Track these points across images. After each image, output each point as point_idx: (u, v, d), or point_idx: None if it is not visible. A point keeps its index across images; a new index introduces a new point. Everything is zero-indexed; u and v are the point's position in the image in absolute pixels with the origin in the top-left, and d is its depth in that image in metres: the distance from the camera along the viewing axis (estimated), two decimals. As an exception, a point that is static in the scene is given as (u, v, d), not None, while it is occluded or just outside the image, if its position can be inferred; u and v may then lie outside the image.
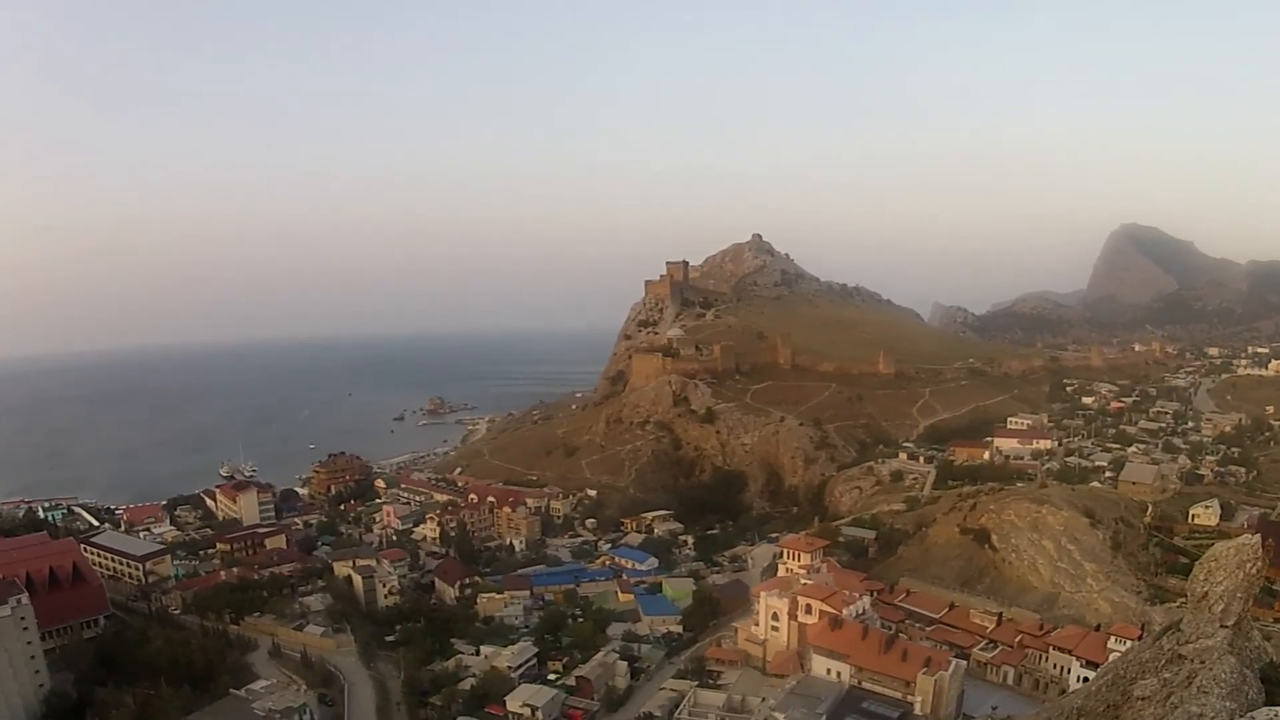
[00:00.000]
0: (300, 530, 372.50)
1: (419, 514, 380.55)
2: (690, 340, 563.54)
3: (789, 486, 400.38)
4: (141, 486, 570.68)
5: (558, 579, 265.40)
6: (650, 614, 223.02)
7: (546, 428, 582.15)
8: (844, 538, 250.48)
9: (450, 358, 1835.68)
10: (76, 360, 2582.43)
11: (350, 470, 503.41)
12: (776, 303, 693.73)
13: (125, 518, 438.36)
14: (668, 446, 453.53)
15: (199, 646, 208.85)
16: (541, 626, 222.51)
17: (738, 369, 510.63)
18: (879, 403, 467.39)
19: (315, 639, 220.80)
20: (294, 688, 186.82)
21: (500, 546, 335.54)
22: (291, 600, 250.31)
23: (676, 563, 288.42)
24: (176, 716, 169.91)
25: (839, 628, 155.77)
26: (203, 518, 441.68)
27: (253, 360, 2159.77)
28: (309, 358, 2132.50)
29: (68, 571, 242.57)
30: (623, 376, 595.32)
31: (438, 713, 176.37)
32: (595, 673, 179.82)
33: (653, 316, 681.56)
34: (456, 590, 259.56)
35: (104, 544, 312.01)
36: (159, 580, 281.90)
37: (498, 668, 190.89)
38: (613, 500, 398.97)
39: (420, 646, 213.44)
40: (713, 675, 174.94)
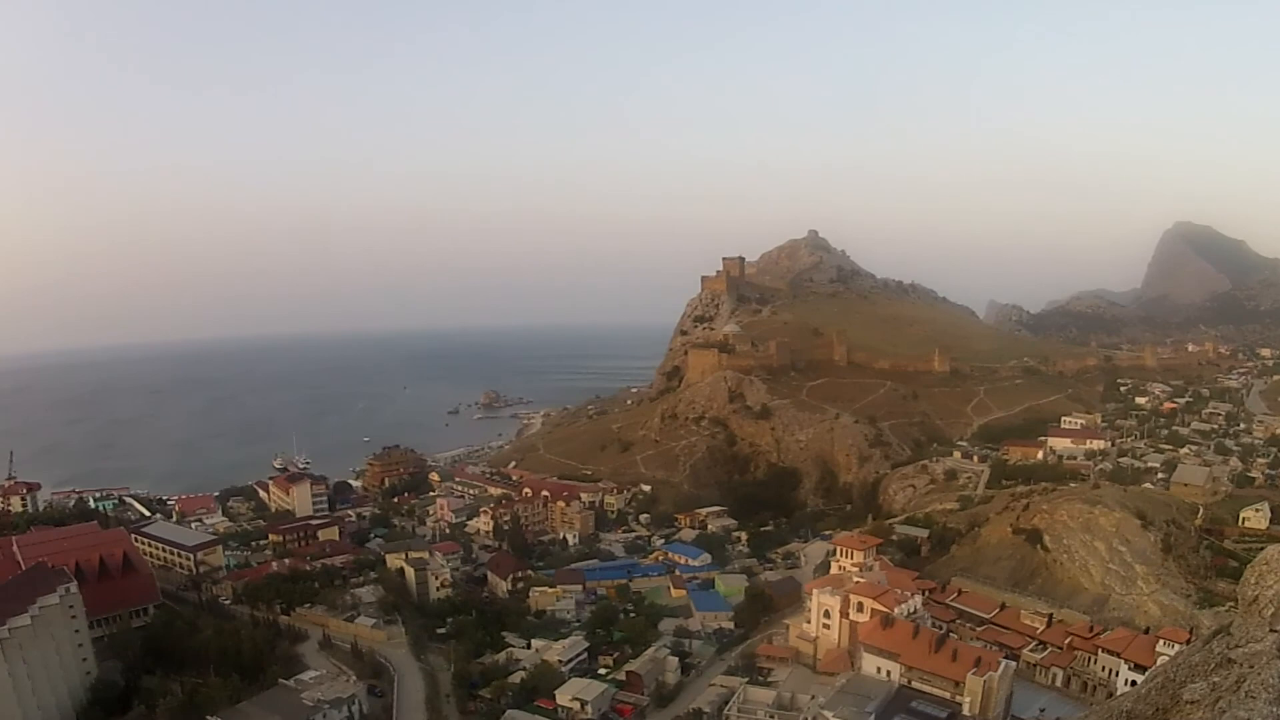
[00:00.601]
0: (353, 522, 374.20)
1: (472, 507, 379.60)
2: (746, 336, 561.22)
3: (843, 484, 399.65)
4: (194, 477, 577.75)
5: (610, 574, 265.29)
6: (702, 610, 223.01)
7: (602, 422, 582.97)
8: (897, 536, 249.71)
9: (506, 352, 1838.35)
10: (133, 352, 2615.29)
11: (404, 463, 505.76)
12: (833, 299, 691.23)
13: (177, 508, 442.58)
14: (722, 443, 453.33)
15: (249, 636, 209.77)
16: (593, 621, 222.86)
17: (793, 365, 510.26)
18: (934, 401, 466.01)
19: (366, 630, 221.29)
20: (343, 678, 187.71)
21: (553, 541, 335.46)
22: (343, 592, 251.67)
23: (730, 559, 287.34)
24: (224, 705, 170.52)
25: (890, 626, 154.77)
26: (255, 509, 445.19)
27: (308, 354, 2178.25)
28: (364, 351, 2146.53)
29: (118, 561, 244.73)
30: (678, 372, 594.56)
31: (487, 705, 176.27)
32: (646, 668, 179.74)
33: (709, 312, 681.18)
34: (509, 584, 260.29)
35: (155, 534, 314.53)
36: (210, 570, 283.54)
37: (548, 661, 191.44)
38: (667, 496, 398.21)
39: (471, 639, 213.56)
40: (763, 672, 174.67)
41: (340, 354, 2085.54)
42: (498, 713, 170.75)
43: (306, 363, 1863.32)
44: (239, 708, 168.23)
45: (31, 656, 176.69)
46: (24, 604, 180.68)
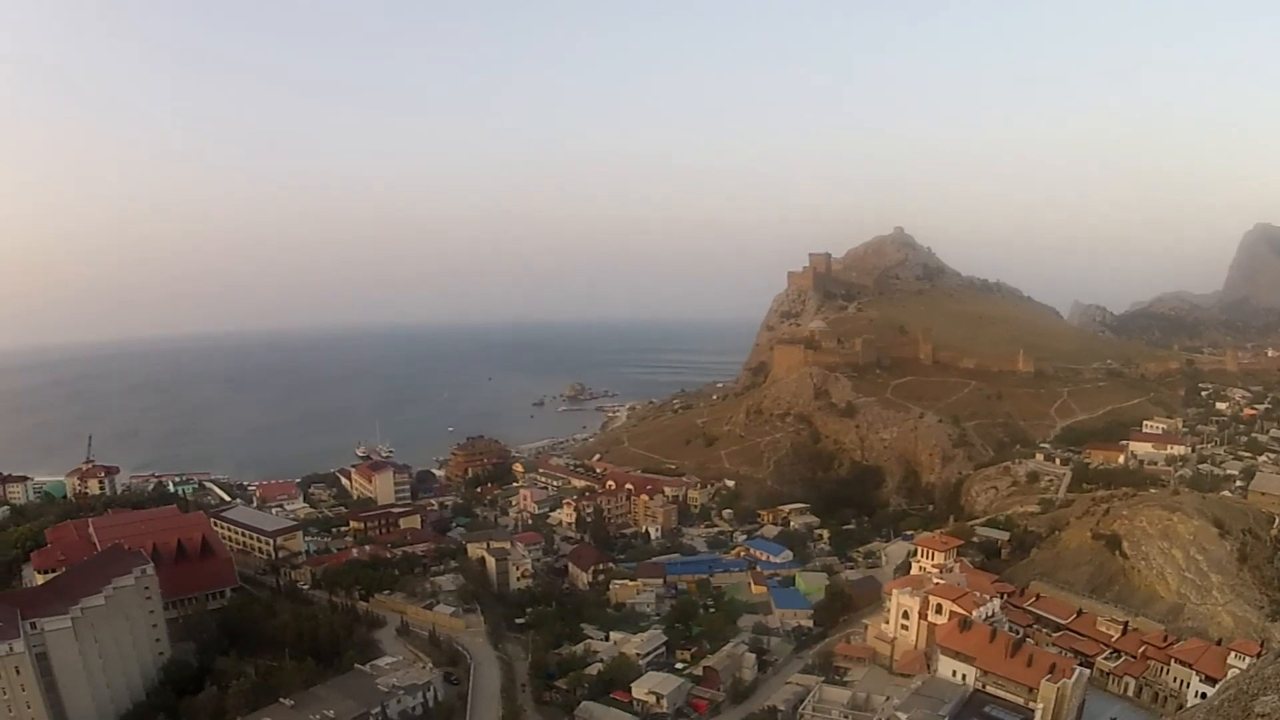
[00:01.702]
0: (435, 511, 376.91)
1: (556, 499, 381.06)
2: (832, 333, 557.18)
3: (926, 484, 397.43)
4: (276, 464, 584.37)
5: (692, 568, 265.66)
6: (782, 607, 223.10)
7: (687, 417, 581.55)
8: (978, 538, 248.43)
9: (592, 345, 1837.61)
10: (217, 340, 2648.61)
11: (488, 454, 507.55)
12: (918, 297, 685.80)
13: (258, 494, 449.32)
14: (807, 439, 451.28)
15: (326, 621, 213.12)
16: (672, 615, 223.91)
17: (879, 363, 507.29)
18: (1017, 401, 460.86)
19: (445, 618, 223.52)
20: (419, 665, 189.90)
21: (636, 534, 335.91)
22: (423, 579, 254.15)
23: (811, 557, 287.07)
24: (298, 688, 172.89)
25: (968, 629, 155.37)
26: (337, 496, 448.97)
27: (392, 344, 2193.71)
28: (450, 342, 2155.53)
29: (196, 544, 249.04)
30: (764, 368, 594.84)
31: (562, 696, 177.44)
32: (723, 663, 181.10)
33: (795, 308, 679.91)
34: (590, 576, 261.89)
35: (235, 519, 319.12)
36: (289, 555, 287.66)
37: (626, 654, 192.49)
38: (750, 491, 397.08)
39: (550, 630, 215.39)
40: (839, 671, 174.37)
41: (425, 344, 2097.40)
42: (573, 704, 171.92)
43: (391, 352, 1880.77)
44: (312, 691, 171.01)
45: (104, 636, 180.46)
46: (98, 584, 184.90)
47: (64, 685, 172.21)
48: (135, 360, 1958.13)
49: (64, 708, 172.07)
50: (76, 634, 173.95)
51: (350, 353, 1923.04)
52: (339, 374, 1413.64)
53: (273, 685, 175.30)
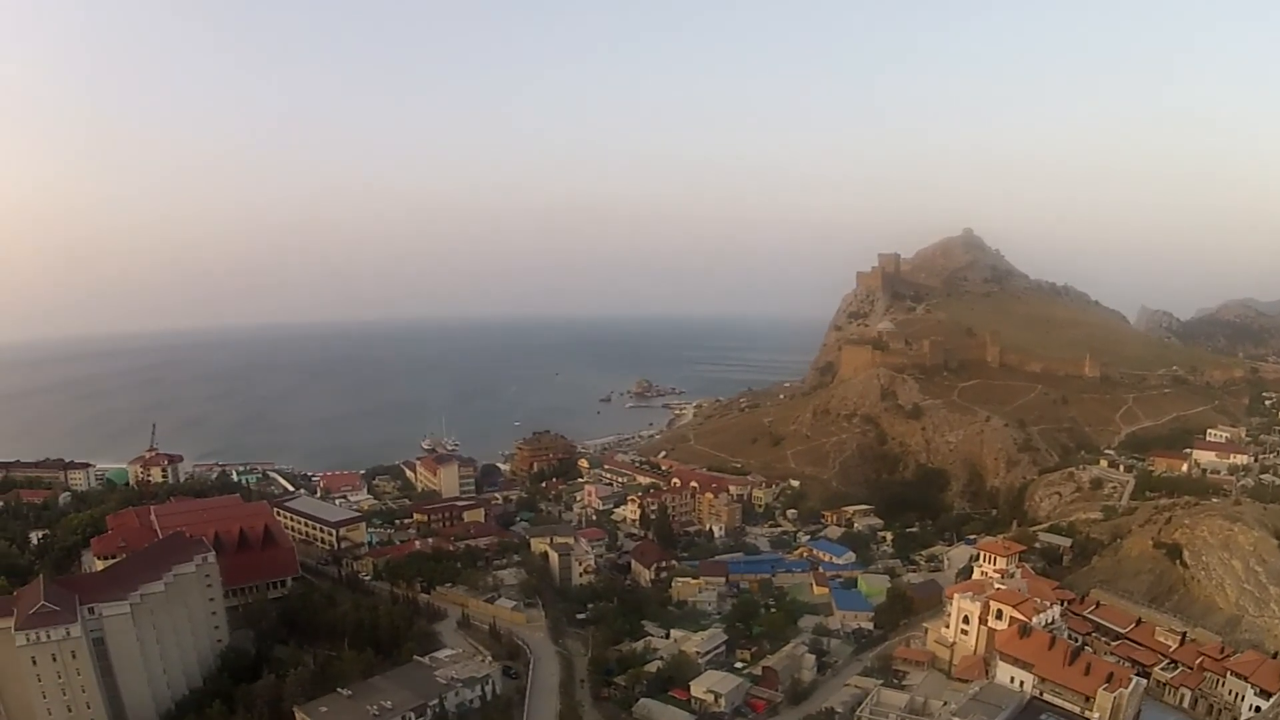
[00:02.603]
0: (499, 505, 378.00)
1: (620, 495, 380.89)
2: (900, 334, 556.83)
3: (990, 488, 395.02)
4: (340, 455, 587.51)
5: (754, 568, 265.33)
6: (843, 609, 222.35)
7: (753, 415, 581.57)
8: (1040, 544, 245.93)
9: (659, 341, 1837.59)
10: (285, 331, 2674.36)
11: (554, 449, 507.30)
12: (986, 299, 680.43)
13: (322, 484, 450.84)
14: (873, 441, 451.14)
15: (386, 613, 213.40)
16: (734, 614, 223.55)
17: (946, 365, 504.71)
18: (1083, 406, 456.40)
19: (506, 612, 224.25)
20: (479, 658, 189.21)
21: (700, 532, 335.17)
22: (485, 573, 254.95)
23: (874, 559, 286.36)
24: (356, 678, 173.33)
25: (1027, 636, 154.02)
26: (401, 488, 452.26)
27: (459, 337, 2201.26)
28: (517, 336, 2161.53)
29: (258, 534, 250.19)
30: (832, 368, 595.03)
31: (621, 693, 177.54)
32: (782, 664, 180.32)
33: (863, 308, 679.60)
34: (652, 573, 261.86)
35: (298, 509, 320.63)
36: (352, 546, 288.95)
37: (686, 652, 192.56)
38: (815, 492, 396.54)
39: (611, 626, 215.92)
40: (898, 675, 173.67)
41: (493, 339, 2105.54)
42: (631, 701, 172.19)
43: (459, 346, 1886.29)
44: (371, 681, 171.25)
45: (162, 622, 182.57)
46: (159, 572, 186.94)
47: (120, 670, 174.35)
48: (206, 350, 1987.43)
49: (119, 692, 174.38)
50: (135, 620, 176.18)
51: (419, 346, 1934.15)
52: (407, 367, 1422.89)
53: (331, 675, 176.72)
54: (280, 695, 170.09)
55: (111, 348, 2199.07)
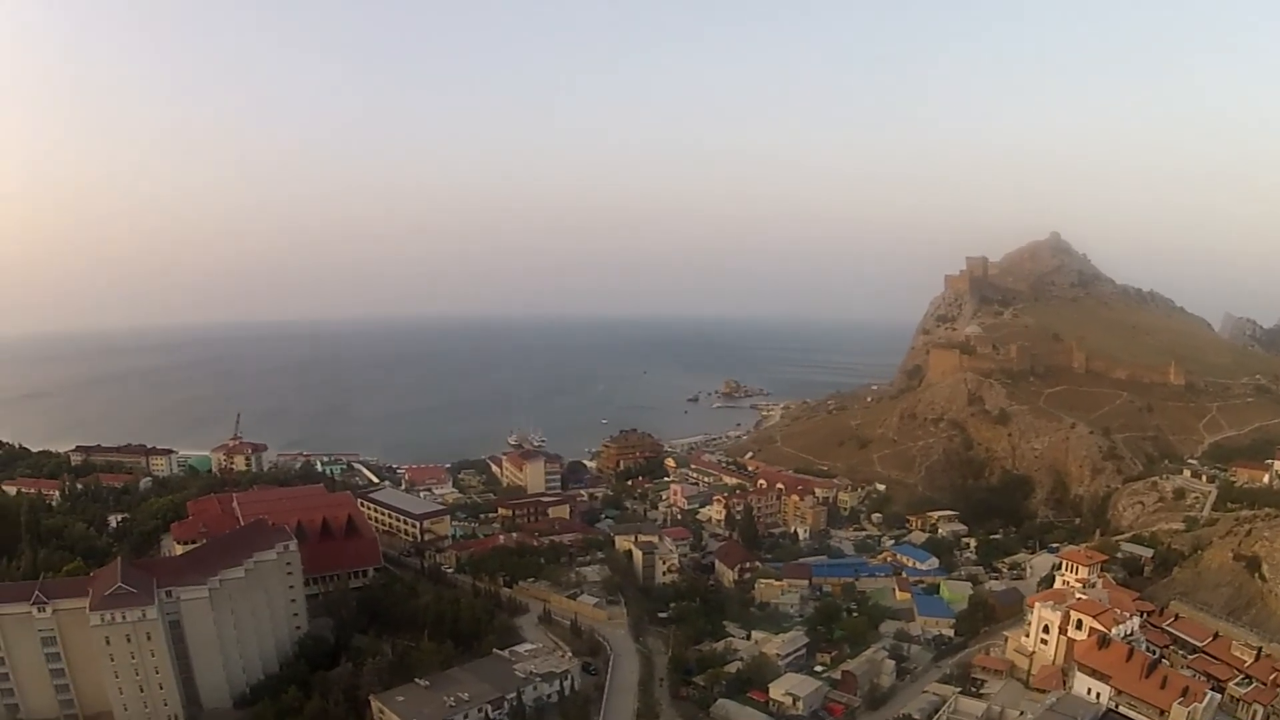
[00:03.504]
0: (585, 502, 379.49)
1: (706, 495, 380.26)
2: (988, 338, 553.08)
3: (1074, 496, 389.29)
4: (425, 448, 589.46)
5: (838, 571, 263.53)
6: (924, 614, 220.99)
7: (840, 418, 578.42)
8: (1122, 554, 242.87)
9: (747, 341, 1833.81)
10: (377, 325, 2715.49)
11: (641, 447, 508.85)
12: (1072, 304, 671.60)
13: (407, 477, 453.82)
14: (959, 446, 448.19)
15: (468, 605, 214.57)
16: (815, 617, 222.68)
17: (1033, 370, 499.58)
18: (1167, 414, 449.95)
19: (588, 608, 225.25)
20: (559, 654, 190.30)
21: (784, 534, 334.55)
22: (569, 569, 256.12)
23: (957, 565, 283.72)
24: (434, 669, 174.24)
25: (1106, 647, 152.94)
26: (486, 483, 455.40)
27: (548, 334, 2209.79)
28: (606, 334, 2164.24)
29: (341, 523, 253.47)
30: (919, 371, 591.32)
31: (699, 692, 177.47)
32: (862, 668, 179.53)
33: (951, 312, 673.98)
34: (736, 574, 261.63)
35: (383, 500, 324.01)
36: (435, 539, 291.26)
37: (766, 654, 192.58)
38: (900, 496, 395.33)
39: (692, 626, 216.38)
40: (976, 683, 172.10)
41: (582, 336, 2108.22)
42: (709, 701, 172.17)
43: (546, 343, 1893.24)
44: (449, 673, 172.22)
45: (240, 608, 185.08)
46: (239, 558, 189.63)
47: (195, 653, 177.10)
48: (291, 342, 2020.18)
49: (193, 675, 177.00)
50: (213, 604, 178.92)
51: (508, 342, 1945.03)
52: (495, 362, 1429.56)
53: (409, 665, 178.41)
54: (357, 683, 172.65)
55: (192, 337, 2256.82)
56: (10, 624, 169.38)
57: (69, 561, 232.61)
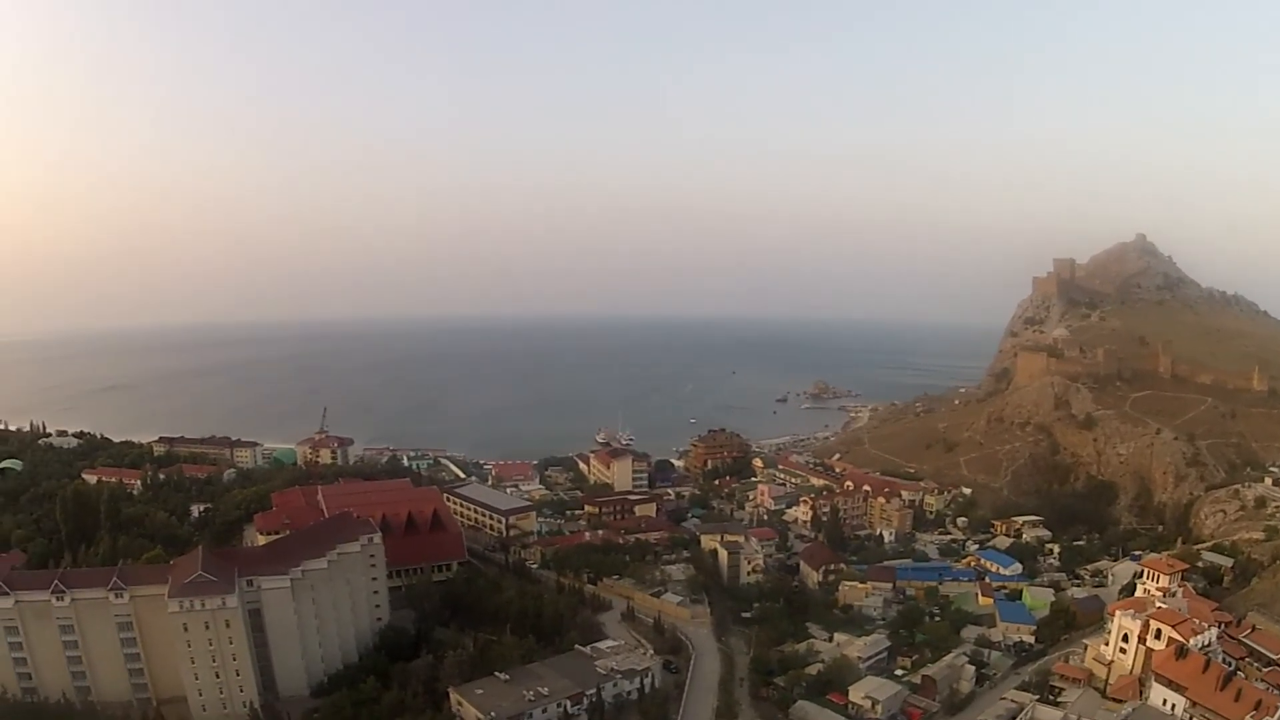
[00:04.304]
0: (671, 501, 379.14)
1: (793, 496, 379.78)
2: (1075, 341, 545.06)
3: (1158, 503, 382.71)
4: (511, 445, 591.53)
5: (922, 575, 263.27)
6: (1006, 620, 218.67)
7: (928, 420, 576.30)
8: (1203, 563, 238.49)
9: (837, 343, 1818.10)
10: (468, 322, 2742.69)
11: (729, 447, 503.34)
12: (1158, 307, 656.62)
13: (494, 473, 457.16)
14: (1045, 450, 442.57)
15: (551, 601, 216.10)
16: (898, 621, 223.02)
17: (1119, 375, 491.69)
18: (1251, 421, 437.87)
19: (671, 607, 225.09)
20: (640, 651, 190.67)
21: (870, 536, 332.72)
22: (653, 567, 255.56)
23: (1040, 571, 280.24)
24: (515, 663, 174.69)
25: (1183, 658, 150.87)
26: (573, 480, 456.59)
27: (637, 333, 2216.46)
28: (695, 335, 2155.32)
29: (427, 518, 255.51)
30: (1007, 374, 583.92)
31: (779, 693, 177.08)
32: (942, 673, 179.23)
33: (1039, 314, 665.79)
34: (820, 575, 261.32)
35: (468, 495, 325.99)
36: (521, 535, 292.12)
37: (848, 656, 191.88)
38: (986, 500, 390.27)
39: (775, 626, 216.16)
40: (1054, 691, 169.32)
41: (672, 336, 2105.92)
42: (788, 702, 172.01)
43: (635, 342, 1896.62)
44: (530, 667, 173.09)
45: (322, 598, 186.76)
46: (323, 549, 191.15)
47: (274, 642, 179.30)
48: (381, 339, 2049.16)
49: (271, 663, 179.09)
50: (294, 594, 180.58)
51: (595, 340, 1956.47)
52: (585, 361, 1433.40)
53: (490, 659, 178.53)
54: (437, 675, 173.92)
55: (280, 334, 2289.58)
56: (86, 609, 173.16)
57: (149, 549, 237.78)
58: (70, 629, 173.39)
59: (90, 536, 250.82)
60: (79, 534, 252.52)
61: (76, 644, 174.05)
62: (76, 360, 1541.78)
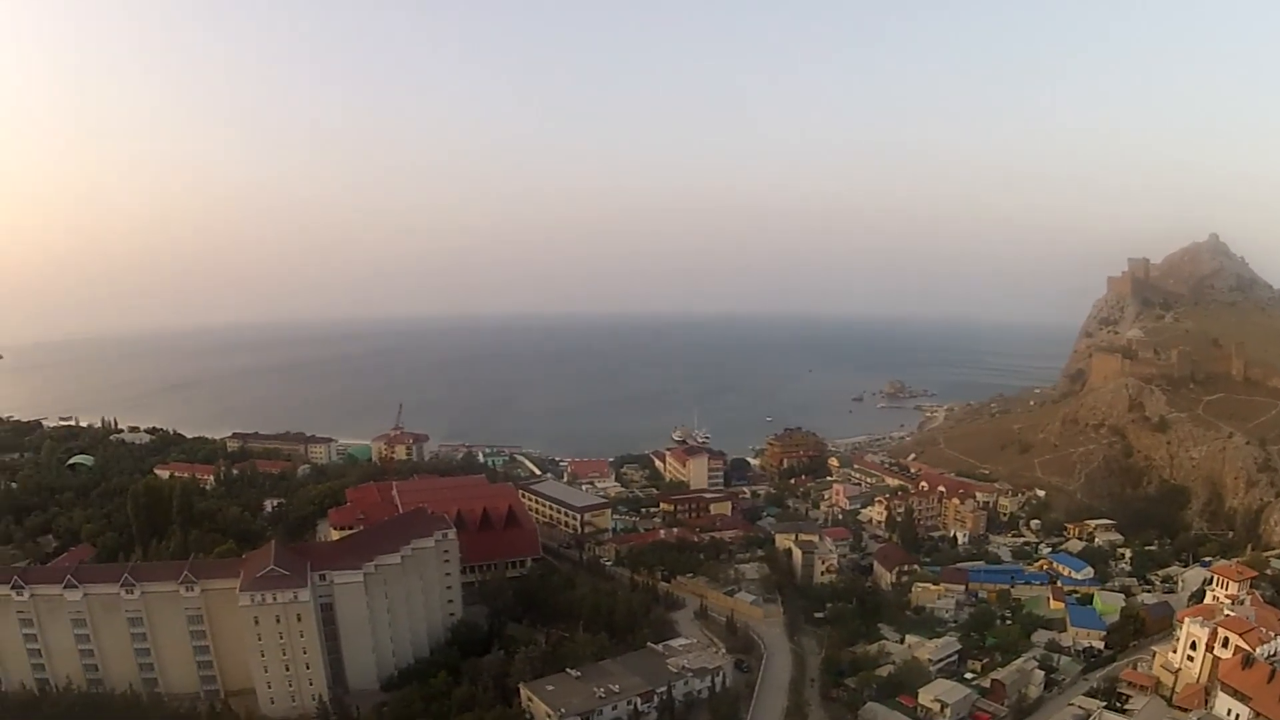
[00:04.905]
0: (747, 499, 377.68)
1: (868, 496, 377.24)
2: (1149, 343, 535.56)
3: (1228, 508, 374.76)
4: (586, 442, 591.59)
5: (994, 577, 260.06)
6: (1076, 625, 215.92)
7: (1003, 421, 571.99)
8: (1271, 570, 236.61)
9: (911, 341, 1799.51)
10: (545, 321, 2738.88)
11: (804, 446, 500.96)
12: (1231, 309, 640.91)
13: (569, 470, 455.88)
14: (1119, 453, 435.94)
15: (624, 599, 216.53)
16: (969, 623, 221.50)
17: (1193, 377, 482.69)
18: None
19: (744, 606, 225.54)
20: (712, 650, 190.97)
21: (943, 538, 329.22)
22: (727, 566, 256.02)
23: (1111, 576, 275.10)
24: (587, 660, 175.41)
25: (1249, 667, 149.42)
26: (649, 477, 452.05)
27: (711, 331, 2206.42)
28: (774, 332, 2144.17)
29: (502, 514, 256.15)
30: (1082, 375, 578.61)
31: (849, 694, 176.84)
32: (1011, 678, 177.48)
33: (1114, 314, 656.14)
34: (893, 576, 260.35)
35: (544, 492, 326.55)
36: (595, 532, 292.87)
37: (919, 658, 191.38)
38: (1059, 503, 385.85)
39: (847, 627, 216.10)
40: (1121, 699, 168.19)
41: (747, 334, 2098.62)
42: (858, 703, 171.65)
43: (708, 340, 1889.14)
44: (601, 664, 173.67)
45: (395, 593, 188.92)
46: (396, 544, 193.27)
47: (345, 636, 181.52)
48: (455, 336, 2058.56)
49: (342, 656, 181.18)
50: (367, 589, 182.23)
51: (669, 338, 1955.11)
52: (662, 358, 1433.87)
53: (562, 655, 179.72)
54: (508, 671, 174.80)
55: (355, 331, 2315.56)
56: (156, 602, 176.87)
57: (221, 543, 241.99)
58: (139, 621, 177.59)
59: (161, 531, 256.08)
60: (150, 528, 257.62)
61: (145, 636, 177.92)
62: (147, 358, 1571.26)
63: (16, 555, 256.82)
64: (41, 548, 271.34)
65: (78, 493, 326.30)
